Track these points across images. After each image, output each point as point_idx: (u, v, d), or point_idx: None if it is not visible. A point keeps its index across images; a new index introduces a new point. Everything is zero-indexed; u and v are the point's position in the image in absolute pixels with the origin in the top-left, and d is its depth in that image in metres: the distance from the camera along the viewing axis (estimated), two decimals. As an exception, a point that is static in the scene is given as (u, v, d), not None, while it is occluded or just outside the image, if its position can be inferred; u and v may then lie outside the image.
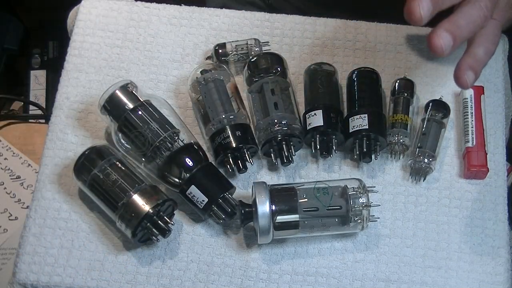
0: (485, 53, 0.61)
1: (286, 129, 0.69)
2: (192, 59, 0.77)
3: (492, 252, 0.68)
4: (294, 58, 0.77)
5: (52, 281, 0.66)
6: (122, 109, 0.68)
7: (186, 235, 0.68)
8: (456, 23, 0.57)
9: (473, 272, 0.67)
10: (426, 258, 0.67)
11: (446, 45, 0.56)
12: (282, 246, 0.67)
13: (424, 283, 0.66)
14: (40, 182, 0.70)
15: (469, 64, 0.59)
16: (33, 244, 0.67)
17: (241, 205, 0.66)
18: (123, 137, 0.68)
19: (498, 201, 0.70)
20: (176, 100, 0.75)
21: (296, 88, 0.75)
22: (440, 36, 0.56)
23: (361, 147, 0.69)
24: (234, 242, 0.68)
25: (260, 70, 0.72)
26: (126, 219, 0.64)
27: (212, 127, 0.69)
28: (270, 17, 0.80)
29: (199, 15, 0.80)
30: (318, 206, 0.64)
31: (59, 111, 0.74)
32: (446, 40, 0.56)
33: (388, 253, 0.67)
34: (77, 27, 0.78)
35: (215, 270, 0.66)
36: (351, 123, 0.69)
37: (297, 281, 0.66)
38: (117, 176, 0.66)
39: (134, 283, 0.66)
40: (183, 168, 0.66)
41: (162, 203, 0.65)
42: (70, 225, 0.68)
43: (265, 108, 0.70)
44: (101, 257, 0.67)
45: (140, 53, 0.77)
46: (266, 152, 0.71)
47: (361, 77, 0.73)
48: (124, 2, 0.80)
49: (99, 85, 0.75)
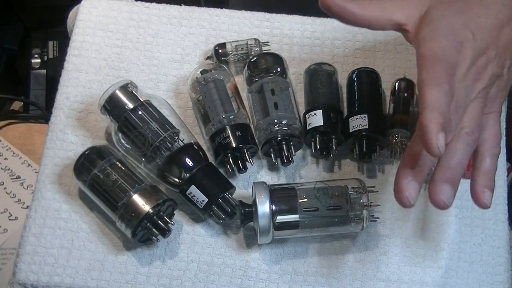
0: (493, 162, 0.57)
1: (286, 129, 0.69)
2: (192, 59, 0.77)
3: (492, 252, 0.68)
4: (294, 58, 0.77)
5: (52, 281, 0.66)
6: (122, 109, 0.68)
7: (186, 235, 0.68)
8: (448, 167, 0.54)
9: (473, 272, 0.67)
10: (426, 258, 0.67)
11: (449, 199, 0.53)
12: (282, 246, 0.67)
13: (424, 283, 0.66)
14: (40, 182, 0.70)
15: (486, 186, 0.56)
16: (33, 244, 0.67)
17: (241, 205, 0.66)
18: (123, 137, 0.68)
19: (498, 201, 0.70)
20: (176, 100, 0.75)
21: (296, 88, 0.75)
22: (441, 191, 0.53)
23: (361, 147, 0.69)
24: (234, 242, 0.68)
25: (260, 70, 0.72)
26: (126, 219, 0.64)
27: (212, 127, 0.69)
28: (270, 17, 0.80)
29: (199, 15, 0.80)
30: (318, 206, 0.64)
31: (59, 111, 0.74)
32: (448, 193, 0.53)
33: (388, 253, 0.67)
34: (77, 27, 0.78)
35: (215, 270, 0.66)
36: (351, 123, 0.69)
37: (297, 281, 0.66)
38: (117, 176, 0.66)
39: (134, 283, 0.66)
40: (183, 168, 0.66)
41: (162, 203, 0.65)
42: (70, 225, 0.68)
43: (265, 108, 0.70)
44: (101, 257, 0.67)
45: (140, 53, 0.77)
46: (266, 152, 0.71)
47: (361, 77, 0.73)
48: (124, 2, 0.80)
49: (99, 85, 0.75)
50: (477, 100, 0.56)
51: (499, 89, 0.58)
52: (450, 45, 0.54)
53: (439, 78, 0.52)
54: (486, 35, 0.55)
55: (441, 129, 0.50)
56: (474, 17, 0.55)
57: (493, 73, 0.56)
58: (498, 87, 0.57)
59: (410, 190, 0.54)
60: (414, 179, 0.54)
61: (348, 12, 0.57)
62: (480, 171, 0.57)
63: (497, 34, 0.56)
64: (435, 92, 0.51)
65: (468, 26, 0.55)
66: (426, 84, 0.52)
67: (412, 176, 0.54)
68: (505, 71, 0.57)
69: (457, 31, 0.55)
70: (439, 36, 0.54)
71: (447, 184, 0.53)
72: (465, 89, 0.54)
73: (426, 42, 0.55)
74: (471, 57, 0.54)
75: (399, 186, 0.54)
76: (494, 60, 0.56)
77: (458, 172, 0.55)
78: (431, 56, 0.53)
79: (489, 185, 0.56)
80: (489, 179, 0.57)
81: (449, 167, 0.54)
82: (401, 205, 0.54)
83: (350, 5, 0.57)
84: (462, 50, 0.54)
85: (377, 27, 0.58)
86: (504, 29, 0.56)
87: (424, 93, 0.52)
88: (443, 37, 0.54)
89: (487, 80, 0.56)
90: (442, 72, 0.52)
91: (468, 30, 0.55)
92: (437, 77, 0.52)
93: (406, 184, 0.54)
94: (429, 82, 0.52)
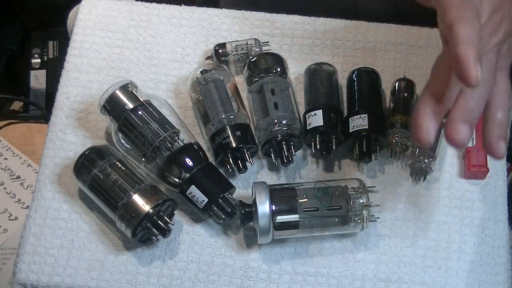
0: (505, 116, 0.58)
1: (286, 129, 0.69)
2: (192, 59, 0.77)
3: (492, 252, 0.68)
4: (294, 58, 0.77)
5: (52, 281, 0.66)
6: (122, 109, 0.68)
7: (186, 235, 0.68)
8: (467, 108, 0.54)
9: (473, 272, 0.67)
10: (426, 258, 0.67)
11: (466, 138, 0.54)
12: (282, 246, 0.67)
13: (424, 283, 0.66)
14: (40, 182, 0.70)
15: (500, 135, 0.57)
16: (33, 244, 0.67)
17: (241, 205, 0.66)
18: (123, 137, 0.68)
19: (498, 201, 0.70)
20: (176, 100, 0.75)
21: (296, 88, 0.75)
22: (458, 130, 0.53)
23: (361, 147, 0.69)
24: (234, 242, 0.68)
25: (260, 70, 0.72)
26: (126, 219, 0.64)
27: (212, 127, 0.69)
28: (270, 17, 0.80)
29: (199, 15, 0.80)
30: (318, 206, 0.64)
31: (59, 111, 0.74)
32: (465, 132, 0.54)
33: (388, 253, 0.67)
34: (77, 27, 0.78)
35: (215, 270, 0.66)
36: (351, 123, 0.69)
37: (297, 281, 0.66)
38: (117, 176, 0.66)
39: (134, 283, 0.66)
40: (183, 168, 0.66)
41: (162, 203, 0.65)
42: (70, 225, 0.68)
43: (265, 108, 0.70)
44: (101, 257, 0.67)
45: (140, 53, 0.77)
46: (266, 152, 0.71)
47: (361, 77, 0.73)
48: (124, 2, 0.80)
49: (99, 85, 0.75)
50: (492, 53, 0.56)
51: (509, 48, 0.59)
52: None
53: (469, 16, 0.53)
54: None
55: (479, 60, 0.50)
56: None
57: (507, 29, 0.57)
58: (509, 45, 0.59)
59: (429, 126, 0.54)
60: (434, 117, 0.54)
61: None
62: (493, 121, 0.58)
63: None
64: (469, 28, 0.52)
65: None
66: (458, 21, 0.52)
67: (432, 113, 0.54)
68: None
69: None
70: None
71: (465, 124, 0.54)
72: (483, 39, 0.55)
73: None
74: (489, 10, 0.55)
75: (418, 122, 0.54)
76: (508, 17, 0.57)
77: (475, 114, 0.55)
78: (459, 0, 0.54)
79: (502, 135, 0.57)
80: (502, 129, 0.57)
81: (467, 108, 0.54)
82: (418, 142, 0.54)
83: None
84: (482, 2, 0.55)
85: None
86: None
87: (457, 28, 0.52)
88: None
89: (502, 35, 0.57)
90: (471, 13, 0.53)
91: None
92: (468, 15, 0.53)
93: (426, 121, 0.54)
94: (460, 19, 0.52)
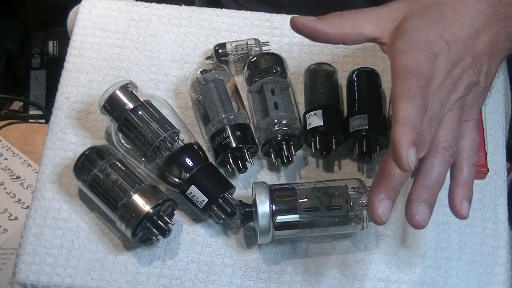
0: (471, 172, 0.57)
1: (286, 129, 0.69)
2: (192, 59, 0.77)
3: (492, 252, 0.68)
4: (294, 58, 0.77)
5: (52, 281, 0.66)
6: (122, 109, 0.68)
7: (186, 235, 0.68)
8: (425, 187, 0.54)
9: (473, 272, 0.67)
10: (426, 258, 0.67)
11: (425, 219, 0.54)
12: (282, 246, 0.67)
13: (424, 283, 0.66)
14: (40, 182, 0.70)
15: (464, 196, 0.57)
16: (33, 244, 0.67)
17: (241, 205, 0.66)
18: (123, 137, 0.68)
19: (498, 201, 0.70)
20: (176, 100, 0.75)
21: (296, 88, 0.75)
22: (417, 213, 0.53)
23: (361, 147, 0.69)
24: (234, 242, 0.68)
25: (260, 70, 0.72)
26: (126, 219, 0.64)
27: (212, 127, 0.69)
28: (270, 17, 0.80)
29: (199, 15, 0.80)
30: (318, 206, 0.64)
31: (59, 111, 0.74)
32: (423, 214, 0.54)
33: (388, 253, 0.67)
34: (77, 27, 0.79)
35: (215, 270, 0.66)
36: (351, 123, 0.69)
37: (297, 281, 0.66)
38: (117, 176, 0.66)
39: (134, 283, 0.66)
40: (183, 168, 0.66)
41: (162, 203, 0.65)
42: (70, 225, 0.68)
43: (265, 108, 0.70)
44: (101, 257, 0.67)
45: (140, 53, 0.77)
46: (266, 152, 0.71)
47: (361, 77, 0.73)
48: (124, 2, 0.80)
49: (99, 85, 0.75)
50: (453, 111, 0.55)
51: (476, 96, 0.57)
52: (424, 58, 0.53)
53: (412, 91, 0.51)
54: (460, 45, 0.54)
55: (412, 144, 0.49)
56: (449, 27, 0.54)
57: (469, 82, 0.55)
58: (475, 94, 0.57)
59: (382, 208, 0.53)
60: (386, 197, 0.54)
61: (320, 32, 0.57)
62: (458, 181, 0.57)
63: (473, 43, 0.55)
64: (408, 106, 0.51)
65: (442, 37, 0.54)
66: (399, 98, 0.51)
67: (385, 193, 0.54)
68: (481, 77, 0.56)
69: (431, 43, 0.54)
70: (413, 49, 0.53)
71: (423, 205, 0.53)
72: (439, 101, 0.54)
73: (399, 55, 0.54)
74: (446, 69, 0.54)
75: (372, 204, 0.54)
76: (470, 68, 0.55)
77: (435, 191, 0.55)
78: (405, 69, 0.52)
79: (467, 196, 0.57)
80: (467, 190, 0.57)
81: (425, 186, 0.54)
82: (374, 223, 0.54)
83: (321, 25, 0.57)
84: (436, 62, 0.53)
85: (350, 43, 0.58)
86: (480, 36, 0.55)
87: (397, 107, 0.51)
88: (417, 50, 0.53)
89: (462, 91, 0.55)
90: (415, 85, 0.51)
91: (442, 40, 0.54)
92: (409, 90, 0.51)
93: (379, 202, 0.53)
94: (401, 95, 0.51)
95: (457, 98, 0.55)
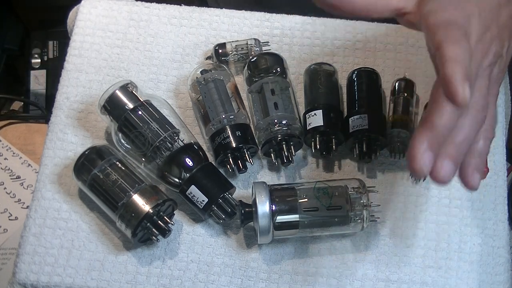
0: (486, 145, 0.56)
1: (286, 129, 0.69)
2: (192, 59, 0.77)
3: (492, 252, 0.68)
4: (294, 58, 0.77)
5: (52, 281, 0.66)
6: (122, 109, 0.68)
7: (186, 235, 0.68)
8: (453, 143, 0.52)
9: (473, 272, 0.67)
10: (426, 258, 0.67)
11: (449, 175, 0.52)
12: (282, 246, 0.67)
13: (424, 283, 0.66)
14: (40, 182, 0.70)
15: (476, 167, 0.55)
16: (33, 244, 0.67)
17: (241, 205, 0.66)
18: (123, 137, 0.68)
19: (498, 201, 0.70)
20: (176, 100, 0.75)
21: (296, 88, 0.75)
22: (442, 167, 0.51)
23: (361, 147, 0.69)
24: (234, 242, 0.68)
25: (260, 70, 0.72)
26: (126, 219, 0.64)
27: (212, 127, 0.69)
28: (270, 17, 0.80)
29: (199, 15, 0.80)
30: (318, 206, 0.64)
31: (59, 111, 0.74)
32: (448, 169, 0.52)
33: (388, 253, 0.67)
34: (77, 27, 0.78)
35: (215, 270, 0.66)
36: (351, 123, 0.69)
37: (297, 281, 0.66)
38: (117, 176, 0.66)
39: (134, 283, 0.66)
40: (183, 168, 0.66)
41: (162, 203, 0.65)
42: (70, 225, 0.68)
43: (265, 108, 0.70)
44: (101, 257, 0.67)
45: (140, 53, 0.77)
46: (266, 152, 0.71)
47: (361, 77, 0.73)
48: (124, 2, 0.80)
49: (99, 85, 0.75)
50: (483, 77, 0.55)
51: (499, 70, 0.57)
52: (460, 15, 0.53)
53: (456, 36, 0.51)
54: (488, 13, 0.54)
55: (467, 79, 0.48)
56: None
57: (496, 51, 0.55)
58: (499, 68, 0.57)
59: (425, 159, 0.51)
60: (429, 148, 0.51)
61: (347, 2, 0.56)
62: (472, 152, 0.55)
63: (497, 14, 0.55)
64: (457, 48, 0.50)
65: (471, 1, 0.54)
66: (446, 41, 0.51)
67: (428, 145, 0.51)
68: (504, 50, 0.56)
69: (463, 4, 0.54)
70: (447, 8, 0.53)
71: (448, 160, 0.52)
72: (475, 61, 0.53)
73: (435, 13, 0.53)
74: (478, 31, 0.54)
75: (414, 154, 0.51)
76: (496, 38, 0.55)
77: (463, 149, 0.53)
78: (445, 22, 0.52)
79: (480, 168, 0.55)
80: (480, 162, 0.56)
81: (453, 143, 0.52)
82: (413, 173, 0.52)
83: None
84: (470, 22, 0.53)
85: (376, 14, 0.57)
86: (502, 9, 0.56)
87: (444, 48, 0.50)
88: (452, 8, 0.53)
89: (492, 57, 0.55)
90: (459, 33, 0.51)
91: (473, 5, 0.54)
92: (454, 35, 0.51)
93: (422, 153, 0.51)
94: (448, 39, 0.51)
95: (487, 64, 0.55)
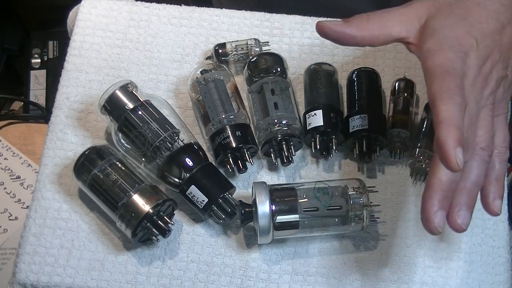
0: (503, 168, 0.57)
1: (286, 129, 0.69)
2: (192, 59, 0.77)
3: (492, 252, 0.68)
4: (294, 58, 0.77)
5: (52, 281, 0.66)
6: (122, 109, 0.68)
7: (186, 235, 0.68)
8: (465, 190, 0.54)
9: (473, 272, 0.67)
10: (426, 258, 0.67)
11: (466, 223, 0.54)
12: (282, 246, 0.67)
13: (424, 283, 0.66)
14: (40, 182, 0.70)
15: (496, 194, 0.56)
16: (33, 244, 0.67)
17: (241, 205, 0.66)
18: (123, 137, 0.68)
19: (498, 201, 0.70)
20: (176, 100, 0.75)
21: (296, 88, 0.75)
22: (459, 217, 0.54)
23: (361, 147, 0.69)
24: (234, 242, 0.68)
25: (260, 70, 0.72)
26: (126, 219, 0.64)
27: (212, 127, 0.69)
28: (270, 17, 0.80)
29: (199, 15, 0.80)
30: (318, 206, 0.64)
31: (59, 111, 0.74)
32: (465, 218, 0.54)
33: (388, 253, 0.67)
34: (77, 27, 0.78)
35: (215, 270, 0.66)
36: (351, 123, 0.69)
37: (297, 281, 0.66)
38: (117, 176, 0.66)
39: (134, 283, 0.66)
40: (183, 168, 0.66)
41: (162, 203, 0.65)
42: (70, 225, 0.68)
43: (265, 108, 0.70)
44: (101, 257, 0.67)
45: (140, 53, 0.77)
46: (266, 152, 0.71)
47: (361, 77, 0.73)
48: (124, 2, 0.80)
49: (99, 85, 0.75)
50: (487, 107, 0.55)
51: (505, 90, 0.57)
52: (457, 57, 0.53)
53: (451, 90, 0.51)
54: (488, 40, 0.55)
55: (459, 144, 0.49)
56: (476, 23, 0.55)
57: (499, 76, 0.55)
58: (504, 88, 0.57)
59: (438, 219, 0.53)
60: (440, 208, 0.53)
61: (348, 36, 0.57)
62: (490, 178, 0.56)
63: (499, 37, 0.55)
64: (449, 106, 0.50)
65: (471, 33, 0.54)
66: (439, 98, 0.51)
67: (438, 205, 0.53)
68: (509, 70, 0.57)
69: (461, 40, 0.54)
70: (445, 48, 0.54)
71: (464, 208, 0.53)
72: (474, 99, 0.54)
73: (431, 55, 0.54)
74: (477, 65, 0.54)
75: (427, 217, 0.53)
76: (499, 62, 0.55)
77: (475, 193, 0.54)
78: (440, 69, 0.52)
79: (499, 193, 0.56)
80: (499, 187, 0.56)
81: (465, 189, 0.54)
82: (429, 233, 0.54)
83: (348, 29, 0.57)
84: (467, 59, 0.53)
85: (378, 44, 0.58)
86: (505, 29, 0.56)
87: (438, 107, 0.51)
88: (449, 48, 0.53)
89: (494, 85, 0.55)
90: (453, 84, 0.51)
91: (471, 37, 0.54)
92: (449, 90, 0.51)
93: (434, 215, 0.53)
94: (441, 95, 0.51)
95: (489, 93, 0.55)
